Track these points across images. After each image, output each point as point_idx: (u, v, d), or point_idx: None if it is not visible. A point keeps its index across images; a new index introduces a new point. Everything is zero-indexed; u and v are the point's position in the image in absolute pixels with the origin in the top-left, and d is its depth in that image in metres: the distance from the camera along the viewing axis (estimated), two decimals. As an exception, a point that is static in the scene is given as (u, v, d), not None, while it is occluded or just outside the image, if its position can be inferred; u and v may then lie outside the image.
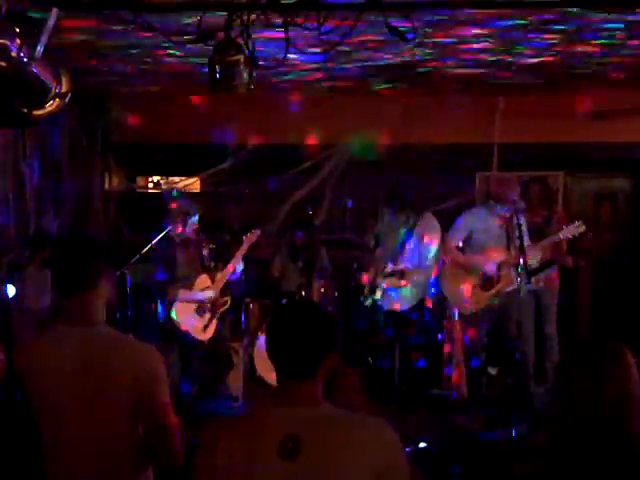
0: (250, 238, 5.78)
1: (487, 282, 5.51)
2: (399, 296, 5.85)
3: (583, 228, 5.26)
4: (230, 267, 5.68)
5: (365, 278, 6.11)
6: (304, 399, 1.92)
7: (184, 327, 5.38)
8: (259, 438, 1.88)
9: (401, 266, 5.86)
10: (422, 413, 5.63)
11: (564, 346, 5.62)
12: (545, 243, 5.34)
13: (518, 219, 5.20)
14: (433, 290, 6.08)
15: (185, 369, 5.47)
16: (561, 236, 5.30)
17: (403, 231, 5.88)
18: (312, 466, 1.82)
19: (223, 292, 5.65)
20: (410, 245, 5.84)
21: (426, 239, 5.79)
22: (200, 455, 1.98)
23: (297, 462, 1.82)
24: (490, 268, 5.51)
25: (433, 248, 5.76)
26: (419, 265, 5.81)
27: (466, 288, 5.59)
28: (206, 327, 5.47)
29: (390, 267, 5.88)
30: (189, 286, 5.45)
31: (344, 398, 2.15)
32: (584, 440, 2.10)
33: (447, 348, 6.31)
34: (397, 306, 5.89)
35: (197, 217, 5.52)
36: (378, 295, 5.92)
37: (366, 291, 6.04)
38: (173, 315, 5.37)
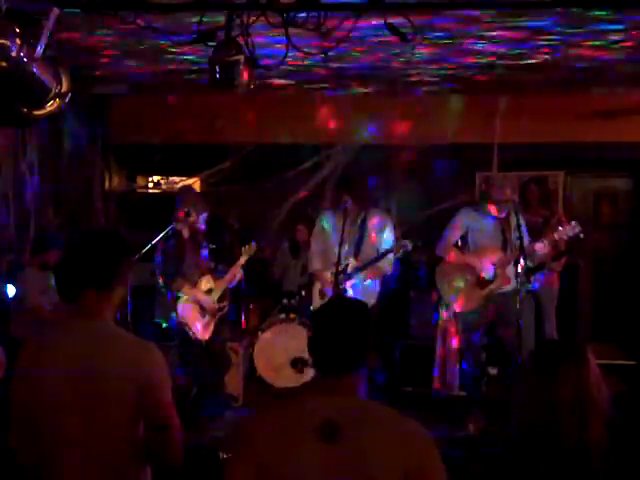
0: (247, 251, 5.78)
1: (481, 281, 5.50)
2: (366, 292, 5.53)
3: (579, 229, 5.25)
4: (229, 276, 5.69)
5: (321, 289, 5.73)
6: (341, 390, 1.98)
7: (189, 324, 5.40)
8: (297, 423, 1.94)
9: (364, 261, 5.57)
10: (421, 413, 5.63)
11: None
12: (540, 242, 5.32)
13: (518, 219, 5.19)
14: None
15: (184, 369, 5.48)
16: (556, 236, 5.29)
17: (357, 225, 5.58)
18: (350, 450, 1.88)
19: (222, 298, 5.66)
20: (367, 236, 5.57)
21: (383, 229, 5.57)
22: (236, 446, 2.00)
23: (337, 445, 1.88)
24: (487, 269, 5.47)
25: (391, 237, 5.56)
26: (382, 255, 5.52)
27: (461, 287, 5.58)
28: (205, 328, 5.49)
29: (352, 264, 5.57)
30: (194, 284, 5.48)
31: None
32: (538, 445, 2.06)
33: (443, 348, 6.31)
34: (372, 300, 5.49)
35: (207, 214, 5.55)
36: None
37: (320, 303, 5.63)
38: (179, 310, 5.39)
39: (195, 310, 5.47)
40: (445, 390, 6.18)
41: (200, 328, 5.47)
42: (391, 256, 5.54)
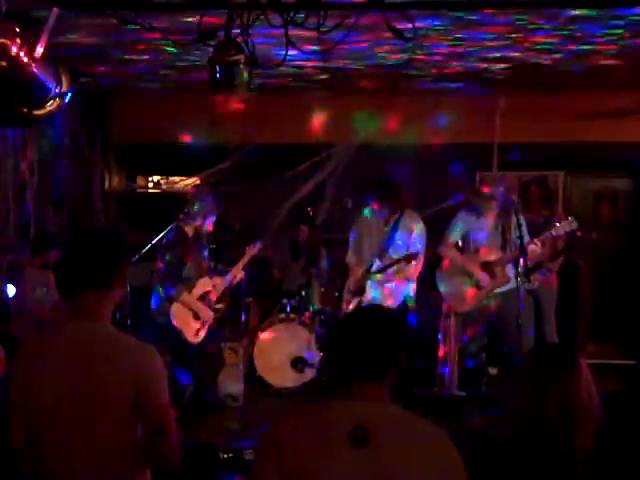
0: (251, 251, 5.77)
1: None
2: (390, 291, 5.62)
3: (575, 224, 5.26)
4: (230, 276, 5.68)
5: (352, 281, 5.87)
6: (370, 396, 1.97)
7: (179, 326, 5.37)
8: (328, 428, 1.92)
9: (390, 261, 5.64)
10: (421, 413, 5.62)
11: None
12: (538, 240, 5.32)
13: (518, 219, 5.19)
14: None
15: (179, 368, 5.46)
16: (554, 232, 5.29)
17: (389, 226, 5.65)
18: (381, 456, 1.87)
19: (220, 299, 5.64)
20: (397, 239, 5.63)
21: (414, 232, 5.61)
22: (264, 451, 1.99)
23: (367, 450, 1.87)
24: (483, 279, 5.48)
25: (421, 240, 5.61)
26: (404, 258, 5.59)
27: (461, 287, 5.58)
28: (198, 331, 5.45)
29: (378, 264, 5.66)
30: (191, 288, 5.44)
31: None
32: (528, 449, 2.06)
33: (443, 348, 6.31)
34: (390, 302, 5.56)
35: (215, 217, 5.53)
36: (368, 296, 5.69)
37: (348, 295, 5.84)
38: (171, 313, 5.36)
39: (188, 314, 5.43)
40: (448, 390, 6.18)
41: (192, 332, 5.43)
42: (418, 261, 5.56)
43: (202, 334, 5.47)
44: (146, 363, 2.32)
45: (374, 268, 5.67)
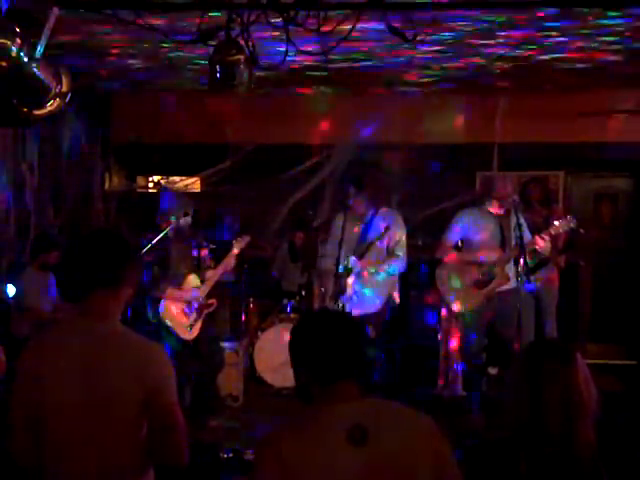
0: (239, 243, 5.73)
1: (481, 281, 5.50)
2: (363, 299, 5.36)
3: (574, 222, 5.26)
4: (220, 269, 5.63)
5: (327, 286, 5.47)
6: (355, 394, 1.99)
7: (170, 324, 5.34)
8: (326, 430, 1.94)
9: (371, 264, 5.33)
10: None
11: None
12: (539, 238, 5.31)
13: (518, 218, 5.19)
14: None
15: (177, 369, 5.41)
16: (552, 231, 5.28)
17: (365, 223, 5.35)
18: (381, 452, 1.90)
19: (210, 294, 5.60)
20: (376, 238, 5.33)
21: (397, 235, 5.39)
22: (265, 453, 1.99)
23: (367, 448, 1.89)
24: (484, 260, 5.42)
25: (403, 243, 5.44)
26: (390, 262, 5.37)
27: (461, 286, 5.57)
28: (191, 326, 5.41)
29: (358, 266, 5.26)
30: (178, 285, 5.41)
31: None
32: (526, 446, 2.07)
33: (443, 348, 6.31)
34: (358, 312, 5.14)
35: (190, 217, 5.48)
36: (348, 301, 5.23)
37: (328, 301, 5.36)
38: (160, 312, 5.33)
39: (177, 310, 5.39)
40: (448, 390, 6.18)
41: (183, 328, 5.38)
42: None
43: (195, 331, 5.42)
44: (154, 361, 2.34)
45: (352, 263, 5.21)
